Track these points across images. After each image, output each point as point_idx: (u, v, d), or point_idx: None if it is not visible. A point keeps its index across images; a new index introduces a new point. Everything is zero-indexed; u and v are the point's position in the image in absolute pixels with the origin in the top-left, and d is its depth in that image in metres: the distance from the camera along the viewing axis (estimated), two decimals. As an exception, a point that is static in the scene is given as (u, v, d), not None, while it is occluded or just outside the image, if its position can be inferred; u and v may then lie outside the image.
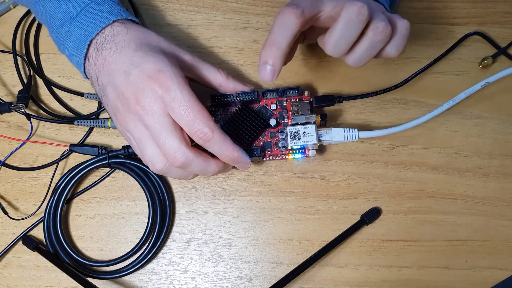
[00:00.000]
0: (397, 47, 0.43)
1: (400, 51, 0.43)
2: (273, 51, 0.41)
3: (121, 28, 0.43)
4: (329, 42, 0.41)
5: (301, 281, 0.49)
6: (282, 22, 0.40)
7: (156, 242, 0.49)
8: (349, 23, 0.40)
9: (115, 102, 0.42)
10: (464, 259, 0.50)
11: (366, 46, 0.42)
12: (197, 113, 0.40)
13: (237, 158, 0.44)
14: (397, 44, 0.43)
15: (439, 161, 0.52)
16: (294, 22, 0.40)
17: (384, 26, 0.41)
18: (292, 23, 0.40)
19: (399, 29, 0.42)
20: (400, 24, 0.42)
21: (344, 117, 0.53)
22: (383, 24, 0.41)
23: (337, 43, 0.41)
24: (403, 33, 0.43)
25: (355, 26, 0.40)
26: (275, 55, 0.41)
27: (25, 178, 0.52)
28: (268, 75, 0.42)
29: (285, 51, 0.41)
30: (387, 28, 0.41)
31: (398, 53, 0.43)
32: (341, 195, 0.51)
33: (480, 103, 0.53)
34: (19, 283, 0.50)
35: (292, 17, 0.40)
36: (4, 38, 0.56)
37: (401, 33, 0.43)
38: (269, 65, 0.41)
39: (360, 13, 0.39)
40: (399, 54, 0.43)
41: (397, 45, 0.43)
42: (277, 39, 0.41)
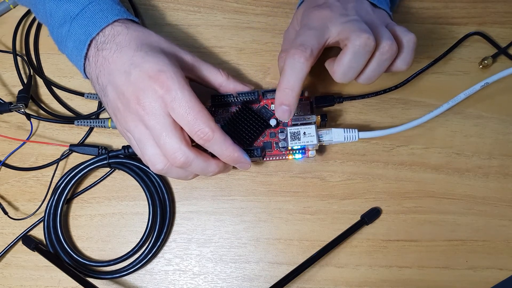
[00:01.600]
0: (406, 61, 0.44)
1: (409, 64, 0.44)
2: (287, 94, 0.43)
3: (122, 28, 0.43)
4: (337, 72, 0.43)
5: (301, 281, 0.49)
6: (292, 66, 0.42)
7: (156, 242, 0.49)
8: (356, 55, 0.41)
9: (116, 102, 0.42)
10: (464, 259, 0.50)
11: (374, 67, 0.43)
12: (197, 113, 0.40)
13: (238, 158, 0.44)
14: (405, 59, 0.44)
15: (439, 161, 0.52)
16: (304, 65, 0.42)
17: (389, 45, 0.42)
18: (303, 66, 0.42)
19: (406, 44, 0.43)
20: (406, 39, 0.43)
21: (344, 117, 0.53)
22: (389, 44, 0.42)
23: (345, 73, 0.43)
24: (410, 48, 0.43)
25: (362, 57, 0.42)
26: (289, 97, 0.43)
27: (25, 178, 0.52)
28: (285, 115, 0.44)
29: (298, 92, 0.43)
30: (392, 47, 0.42)
31: (407, 67, 0.44)
32: (341, 195, 0.51)
33: (480, 103, 0.53)
34: (19, 283, 0.50)
35: (302, 60, 0.41)
36: (4, 38, 0.56)
37: (409, 48, 0.43)
38: (285, 106, 0.43)
39: (367, 45, 0.41)
40: (408, 67, 0.44)
41: (405, 60, 0.44)
42: (289, 83, 0.42)
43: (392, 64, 0.44)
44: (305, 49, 0.41)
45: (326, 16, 0.43)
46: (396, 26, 0.44)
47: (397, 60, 0.44)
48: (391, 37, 0.42)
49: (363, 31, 0.41)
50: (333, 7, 0.44)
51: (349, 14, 0.43)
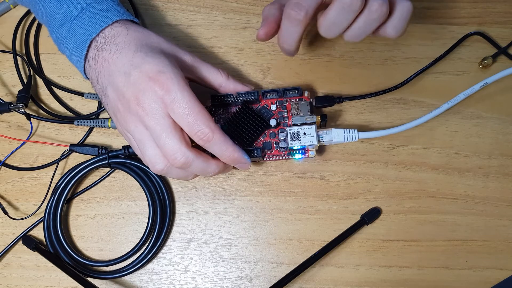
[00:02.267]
0: (396, 29, 0.43)
1: (399, 32, 0.43)
2: (287, 45, 0.45)
3: (121, 28, 0.43)
4: (322, 25, 0.43)
5: (301, 281, 0.49)
6: (288, 27, 0.43)
7: (156, 242, 0.49)
8: (342, 11, 0.41)
9: (116, 102, 0.42)
10: (464, 259, 0.50)
11: (360, 25, 0.42)
12: (197, 114, 0.40)
13: (237, 159, 0.44)
14: (396, 25, 0.43)
15: (439, 161, 0.52)
16: (300, 26, 0.43)
17: (379, 5, 0.40)
18: (298, 27, 0.43)
19: (399, 10, 0.42)
20: (401, 5, 0.42)
21: (344, 117, 0.53)
22: (379, 3, 0.40)
23: (329, 28, 0.43)
24: (404, 15, 0.42)
25: (348, 14, 0.41)
26: (290, 47, 0.45)
27: (25, 178, 0.52)
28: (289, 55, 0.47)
29: (296, 46, 0.45)
30: (382, 8, 0.41)
31: (397, 35, 0.43)
32: (341, 195, 0.51)
33: (480, 103, 0.53)
34: (19, 283, 0.50)
35: (296, 21, 0.42)
36: (4, 38, 0.56)
37: (402, 15, 0.42)
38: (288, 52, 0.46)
39: (353, 3, 0.40)
40: (398, 35, 0.43)
41: (396, 27, 0.43)
42: (287, 41, 0.45)
43: (382, 27, 0.43)
44: (300, 9, 0.42)
45: None
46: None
47: (387, 25, 0.43)
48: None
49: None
50: None
51: None
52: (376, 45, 0.54)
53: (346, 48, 0.54)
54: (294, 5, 0.42)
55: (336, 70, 0.54)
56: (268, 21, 0.46)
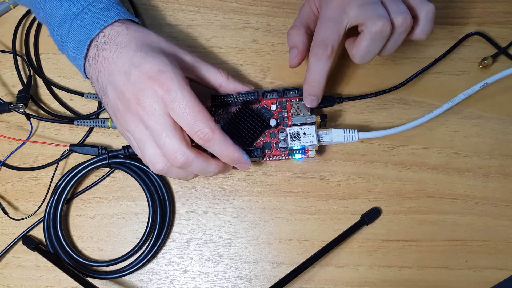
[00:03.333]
0: (425, 32, 0.45)
1: (428, 34, 0.45)
2: (314, 87, 0.46)
3: (122, 28, 0.43)
4: (356, 56, 0.45)
5: (301, 281, 0.49)
6: (316, 63, 0.45)
7: (156, 242, 0.49)
8: (373, 41, 0.43)
9: (116, 102, 0.42)
10: (464, 259, 0.50)
11: (391, 44, 0.44)
12: (197, 114, 0.40)
13: (237, 159, 0.44)
14: (424, 29, 0.45)
15: (439, 161, 0.52)
16: (327, 62, 0.45)
17: (403, 19, 0.42)
18: (326, 63, 0.45)
19: (424, 16, 0.44)
20: (425, 10, 0.44)
21: (344, 117, 0.53)
22: (402, 18, 0.42)
23: (364, 57, 0.45)
24: (429, 18, 0.44)
25: (380, 42, 0.43)
26: (316, 89, 0.46)
27: (25, 178, 0.52)
28: (313, 103, 0.48)
29: (323, 84, 0.46)
30: (406, 20, 0.42)
31: (427, 37, 0.45)
32: (341, 195, 0.51)
33: (480, 103, 0.53)
34: (19, 283, 0.50)
35: (324, 58, 0.44)
36: (4, 38, 0.56)
37: (427, 19, 0.44)
38: (313, 96, 0.47)
39: (383, 31, 0.42)
40: (427, 37, 0.45)
41: (424, 31, 0.45)
42: (316, 78, 0.46)
43: (411, 33, 0.45)
44: (326, 46, 0.44)
45: (343, 1, 0.44)
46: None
47: (416, 31, 0.45)
48: (404, 10, 0.43)
49: (379, 17, 0.41)
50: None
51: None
52: (376, 45, 0.54)
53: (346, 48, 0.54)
54: (320, 43, 0.44)
55: (336, 70, 0.54)
56: (300, 50, 0.48)
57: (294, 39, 0.48)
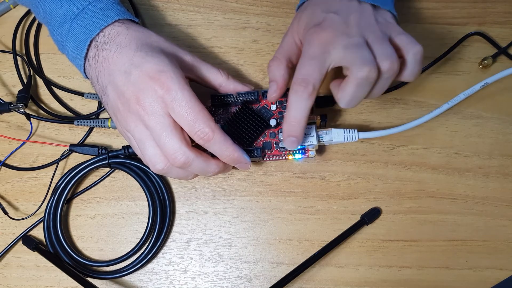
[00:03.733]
0: (413, 74, 0.44)
1: (416, 76, 0.44)
2: (294, 127, 0.44)
3: (122, 28, 0.43)
4: (342, 100, 0.44)
5: (301, 281, 0.49)
6: (297, 102, 0.43)
7: (156, 242, 0.49)
8: (359, 87, 0.42)
9: (116, 102, 0.42)
10: (464, 259, 0.50)
11: (378, 88, 0.43)
12: (197, 113, 0.40)
13: (237, 159, 0.44)
14: (412, 71, 0.44)
15: (439, 161, 0.52)
16: (308, 101, 0.42)
17: (389, 65, 0.41)
18: (307, 102, 0.42)
19: (412, 58, 0.43)
20: (413, 52, 0.42)
21: (344, 117, 0.53)
22: (388, 64, 0.41)
23: (350, 102, 0.43)
24: (417, 60, 0.43)
25: (365, 87, 0.42)
26: (296, 129, 0.44)
27: (25, 178, 0.52)
28: (293, 145, 0.45)
29: (304, 124, 0.44)
30: (393, 66, 0.41)
31: (414, 78, 0.44)
32: (341, 195, 0.51)
33: (480, 103, 0.53)
34: (19, 283, 0.50)
35: (305, 96, 0.42)
36: (4, 38, 0.56)
37: (415, 61, 0.43)
38: (293, 138, 0.44)
39: (369, 78, 0.41)
40: (415, 78, 0.44)
41: (412, 73, 0.44)
42: (296, 117, 0.43)
43: (398, 75, 0.44)
44: (307, 84, 0.42)
45: (326, 38, 0.42)
46: (401, 35, 0.43)
47: (404, 73, 0.44)
48: (390, 53, 0.41)
49: (364, 63, 0.40)
50: (333, 26, 0.43)
51: (351, 33, 0.42)
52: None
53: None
54: (301, 81, 0.42)
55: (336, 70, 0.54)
56: (279, 85, 0.47)
57: (274, 72, 0.47)
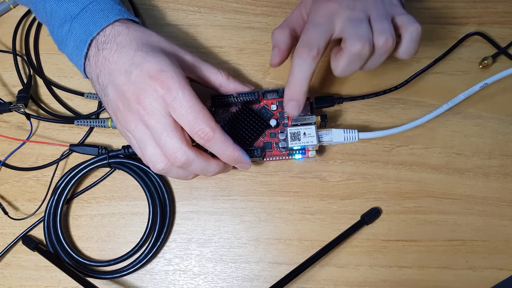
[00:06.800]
0: (408, 52, 0.44)
1: (411, 55, 0.44)
2: (296, 90, 0.44)
3: (122, 28, 0.43)
4: (335, 70, 0.44)
5: (301, 281, 0.49)
6: (300, 65, 0.43)
7: (156, 242, 0.49)
8: (352, 61, 0.42)
9: (116, 101, 0.42)
10: (464, 259, 0.50)
11: (371, 62, 0.44)
12: (198, 113, 0.40)
13: (238, 158, 0.44)
14: (407, 49, 0.44)
15: (439, 161, 0.52)
16: (311, 64, 0.43)
17: (384, 41, 0.42)
18: (310, 65, 0.43)
19: (409, 36, 0.43)
20: (410, 30, 0.43)
21: (344, 117, 0.53)
22: (383, 40, 0.42)
23: (343, 72, 0.44)
24: (414, 39, 0.43)
25: (358, 62, 0.43)
26: (298, 92, 0.44)
27: (25, 178, 0.52)
28: (294, 110, 0.45)
29: (306, 88, 0.44)
30: (387, 43, 0.42)
31: (410, 57, 0.44)
32: (341, 195, 0.51)
33: (480, 103, 0.53)
34: (19, 283, 0.50)
35: (309, 59, 0.42)
36: (4, 38, 0.56)
37: (412, 39, 0.43)
38: (294, 102, 0.44)
39: (361, 54, 0.42)
40: (411, 57, 0.44)
41: (407, 50, 0.44)
42: (298, 80, 0.43)
43: (394, 52, 0.44)
44: (312, 48, 0.42)
45: (332, 9, 0.43)
46: (403, 15, 0.44)
47: (399, 50, 0.44)
48: (387, 30, 0.42)
49: (359, 38, 0.41)
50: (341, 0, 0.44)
51: (355, 7, 0.43)
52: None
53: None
54: (305, 44, 0.43)
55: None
56: (281, 50, 0.47)
57: (277, 38, 0.47)
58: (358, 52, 0.41)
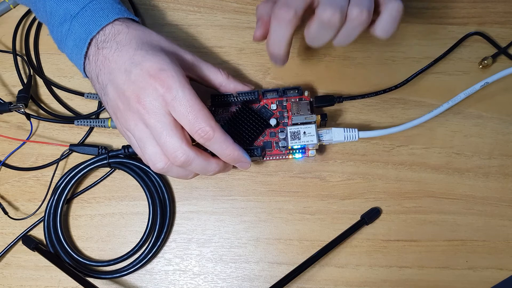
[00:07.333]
0: (385, 30, 0.42)
1: (388, 34, 0.43)
2: (275, 49, 0.44)
3: (122, 27, 0.43)
4: (306, 37, 0.43)
5: (301, 281, 0.49)
6: (278, 26, 0.42)
7: (156, 242, 0.49)
8: (322, 27, 0.41)
9: (116, 101, 0.42)
10: (464, 259, 0.50)
11: (343, 33, 0.42)
12: (198, 112, 0.40)
13: (238, 158, 0.44)
14: (384, 26, 0.42)
15: (439, 161, 0.52)
16: (289, 26, 0.42)
17: (357, 13, 0.40)
18: (288, 27, 0.42)
19: (387, 11, 0.41)
20: (389, 6, 0.41)
21: (344, 117, 0.53)
22: (357, 12, 0.40)
23: (313, 40, 0.43)
24: (393, 16, 0.42)
25: (328, 31, 0.41)
26: (278, 51, 0.44)
27: (25, 178, 0.52)
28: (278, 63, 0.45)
29: (286, 47, 0.43)
30: (361, 15, 0.40)
31: (387, 36, 0.43)
32: (341, 195, 0.51)
33: (480, 103, 0.53)
34: (19, 283, 0.50)
35: (286, 20, 0.41)
36: (4, 38, 0.56)
37: (390, 16, 0.42)
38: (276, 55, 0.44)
39: (331, 21, 0.40)
40: (387, 36, 0.43)
41: (384, 28, 0.42)
42: (276, 40, 0.43)
43: (370, 28, 0.43)
44: (289, 8, 0.41)
45: None
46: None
47: (376, 27, 0.42)
48: (365, 4, 0.40)
49: (330, 5, 0.40)
50: None
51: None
52: (376, 45, 0.54)
53: (346, 48, 0.54)
54: (282, 5, 0.41)
55: (336, 70, 0.54)
56: (263, 21, 0.45)
57: (261, 11, 0.46)
58: (327, 19, 0.40)
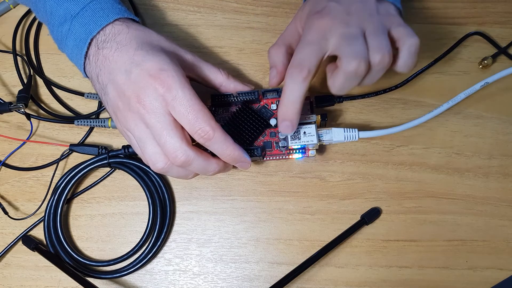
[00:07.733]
0: (407, 66, 0.44)
1: (409, 68, 0.44)
2: (289, 110, 0.44)
3: (122, 27, 0.43)
4: (332, 88, 0.44)
5: (301, 281, 0.49)
6: (292, 85, 0.43)
7: (156, 242, 0.49)
8: (348, 79, 0.42)
9: (116, 100, 0.42)
10: (464, 259, 0.50)
11: (369, 78, 0.44)
12: (198, 112, 0.40)
13: (238, 158, 0.44)
14: (405, 63, 0.44)
15: (439, 161, 0.52)
16: (303, 85, 0.42)
17: (380, 58, 0.42)
18: (301, 86, 0.42)
19: (407, 49, 0.43)
20: (408, 43, 0.43)
21: (344, 117, 0.53)
22: (380, 57, 0.41)
23: (340, 90, 0.44)
24: (412, 52, 0.43)
25: (354, 80, 0.43)
26: (291, 113, 0.44)
27: (25, 178, 0.52)
28: (288, 130, 0.45)
29: (299, 108, 0.44)
30: (384, 58, 0.42)
31: (408, 70, 0.44)
32: (341, 195, 0.51)
33: (480, 103, 0.53)
34: (19, 283, 0.50)
35: (299, 80, 0.42)
36: (4, 38, 0.56)
37: (410, 53, 0.43)
38: (288, 122, 0.44)
39: (357, 72, 0.41)
40: (409, 70, 0.44)
41: (406, 64, 0.44)
42: (290, 100, 0.43)
43: (392, 65, 0.44)
44: (302, 69, 0.42)
45: (325, 25, 0.43)
46: (400, 27, 0.43)
47: (397, 64, 0.44)
48: (384, 46, 0.42)
49: (355, 56, 0.41)
50: (334, 14, 0.43)
51: (350, 23, 0.42)
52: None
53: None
54: (297, 64, 0.42)
55: (336, 70, 0.54)
56: (279, 70, 0.47)
57: (274, 58, 0.48)
58: (354, 71, 0.41)
